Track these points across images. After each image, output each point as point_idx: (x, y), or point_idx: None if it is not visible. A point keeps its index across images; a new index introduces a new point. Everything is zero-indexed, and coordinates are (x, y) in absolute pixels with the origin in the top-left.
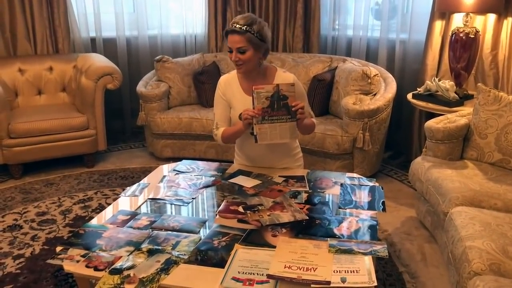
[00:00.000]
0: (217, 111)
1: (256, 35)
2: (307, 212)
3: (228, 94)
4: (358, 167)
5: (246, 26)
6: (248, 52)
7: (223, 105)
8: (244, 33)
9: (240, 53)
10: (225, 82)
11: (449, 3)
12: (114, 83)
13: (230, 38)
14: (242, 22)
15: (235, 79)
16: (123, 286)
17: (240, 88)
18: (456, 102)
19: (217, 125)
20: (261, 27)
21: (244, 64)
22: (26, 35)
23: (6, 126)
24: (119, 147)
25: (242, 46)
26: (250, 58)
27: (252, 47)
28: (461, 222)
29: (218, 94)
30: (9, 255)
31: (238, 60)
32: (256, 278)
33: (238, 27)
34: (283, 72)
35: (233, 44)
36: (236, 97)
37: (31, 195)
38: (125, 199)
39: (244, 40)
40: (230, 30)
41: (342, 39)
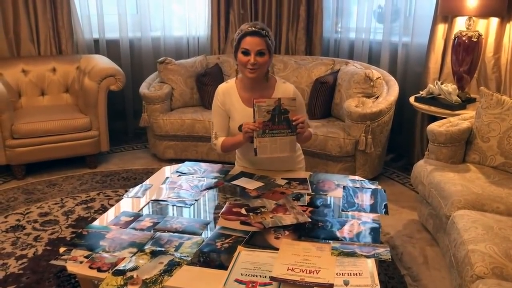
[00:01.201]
0: (215, 120)
1: (271, 42)
2: (309, 215)
3: (227, 104)
4: (360, 170)
5: (264, 30)
6: (266, 56)
7: (222, 115)
8: (264, 37)
9: (259, 56)
10: (224, 91)
11: (452, 7)
12: (117, 84)
13: (250, 40)
14: (259, 26)
15: (234, 89)
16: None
17: (239, 99)
18: (458, 106)
19: (216, 135)
20: (271, 35)
21: (260, 68)
22: (30, 36)
23: (9, 126)
24: (122, 148)
25: (262, 48)
26: (266, 62)
27: (268, 52)
28: (464, 226)
29: (216, 103)
30: (12, 255)
31: (256, 63)
32: (259, 280)
33: (259, 29)
34: (282, 83)
35: (253, 46)
36: (235, 108)
37: (34, 195)
38: (128, 201)
39: (264, 43)
40: (251, 32)
41: (344, 41)
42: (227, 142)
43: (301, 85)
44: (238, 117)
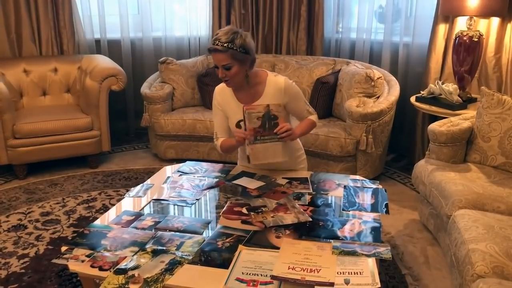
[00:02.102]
0: (215, 120)
1: (239, 50)
2: (310, 214)
3: (223, 104)
4: (361, 170)
5: (227, 43)
6: (234, 67)
7: (220, 114)
8: (226, 51)
9: (226, 70)
10: (220, 92)
11: (453, 7)
12: (118, 84)
13: (214, 56)
14: (223, 39)
15: (229, 89)
16: (127, 286)
17: (234, 97)
18: (459, 105)
19: (217, 135)
20: (243, 40)
21: (231, 79)
22: (31, 36)
23: (11, 126)
24: (123, 148)
25: (227, 63)
26: (236, 73)
27: (237, 62)
28: (465, 225)
29: (214, 103)
30: (14, 254)
31: (225, 76)
32: (260, 279)
33: (220, 44)
34: (274, 76)
35: (218, 62)
36: (231, 107)
37: (36, 195)
38: (129, 200)
39: (228, 57)
40: (212, 49)
41: (345, 42)
42: (225, 144)
43: (302, 85)
44: (234, 115)
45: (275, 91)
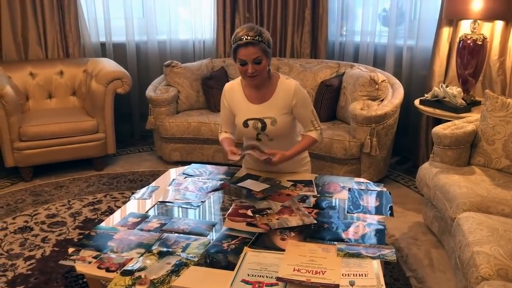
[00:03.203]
0: (221, 114)
1: (266, 44)
2: (315, 216)
3: (231, 101)
4: (365, 172)
5: (257, 36)
6: (263, 61)
7: (227, 111)
8: (258, 44)
9: (256, 64)
10: (229, 89)
11: (457, 10)
12: (123, 87)
13: (244, 51)
14: (252, 33)
15: (239, 87)
16: (134, 287)
17: (243, 95)
18: (463, 108)
19: (221, 127)
20: (267, 35)
21: (259, 74)
22: (38, 40)
23: (17, 129)
24: (128, 150)
25: (258, 56)
26: (264, 67)
27: (265, 56)
28: (469, 228)
29: (222, 100)
30: (20, 256)
31: (255, 71)
32: (265, 281)
33: (251, 38)
34: (286, 79)
35: (249, 56)
36: (239, 105)
37: (41, 197)
38: (134, 202)
39: (259, 50)
40: (244, 43)
41: (349, 45)
42: (223, 143)
43: (306, 88)
44: (241, 113)
45: (284, 93)
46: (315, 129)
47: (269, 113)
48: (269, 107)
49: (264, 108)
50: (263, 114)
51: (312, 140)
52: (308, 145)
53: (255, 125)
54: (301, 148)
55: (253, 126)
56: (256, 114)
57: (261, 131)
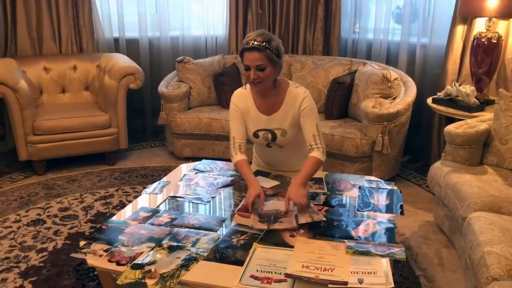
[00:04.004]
0: (232, 125)
1: (274, 52)
2: (325, 214)
3: (242, 108)
4: (377, 171)
5: (264, 42)
6: (267, 69)
7: (239, 118)
8: (263, 50)
9: (259, 71)
10: (239, 96)
11: (472, 8)
12: (136, 83)
13: (248, 55)
14: (259, 39)
15: (249, 95)
16: (144, 281)
17: (254, 105)
18: (476, 107)
19: (234, 139)
20: (277, 43)
21: (262, 81)
22: (52, 35)
23: (31, 123)
24: (140, 145)
25: (262, 63)
26: (269, 75)
27: (271, 64)
28: (480, 227)
29: (232, 108)
30: (33, 248)
31: (257, 77)
32: (274, 276)
33: (257, 44)
34: (295, 88)
35: (252, 61)
36: (250, 114)
37: (54, 190)
38: (146, 197)
39: (264, 57)
40: (248, 48)
41: (362, 42)
42: (239, 168)
43: (318, 85)
44: (252, 123)
45: (293, 102)
46: (316, 146)
47: (279, 125)
48: (279, 118)
49: (274, 119)
50: (273, 125)
51: (317, 161)
52: (316, 167)
53: (265, 136)
54: (309, 172)
55: (263, 137)
56: (266, 125)
57: (271, 141)
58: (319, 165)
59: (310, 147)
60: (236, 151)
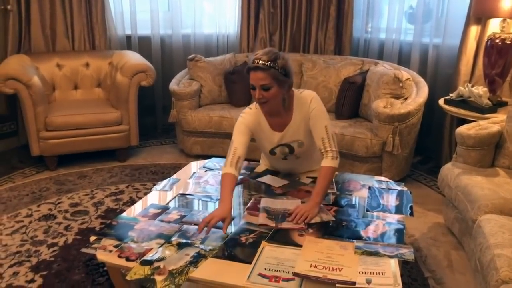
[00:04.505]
0: (237, 137)
1: (280, 71)
2: (334, 214)
3: (254, 127)
4: (387, 171)
5: (270, 62)
6: (273, 89)
7: (247, 134)
8: (268, 69)
9: (264, 90)
10: (251, 115)
11: (486, 8)
12: (147, 80)
13: (253, 75)
14: (265, 58)
15: (260, 114)
16: (153, 277)
17: (267, 123)
18: (489, 109)
19: (236, 151)
20: (285, 62)
21: (268, 101)
22: (65, 32)
23: (43, 119)
24: (151, 143)
25: (266, 83)
26: (274, 95)
27: (276, 84)
28: (490, 230)
29: (242, 123)
30: (44, 243)
31: (262, 97)
32: (282, 275)
33: (262, 63)
34: (300, 93)
35: (257, 81)
36: (264, 133)
37: (65, 186)
38: (156, 194)
39: (268, 77)
40: (253, 67)
41: (374, 42)
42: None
43: (329, 85)
44: (267, 141)
45: (302, 109)
46: (325, 151)
47: (295, 137)
48: (292, 130)
49: (287, 132)
50: (289, 139)
51: (329, 171)
52: (329, 178)
53: (283, 151)
54: (324, 187)
55: (280, 152)
56: (281, 140)
57: (289, 154)
58: (332, 174)
59: (321, 152)
60: (232, 164)
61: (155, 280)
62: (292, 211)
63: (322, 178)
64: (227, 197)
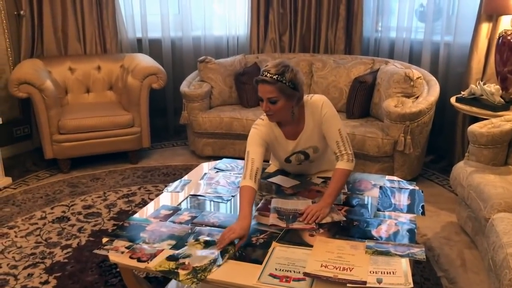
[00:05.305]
0: (252, 148)
1: (288, 84)
2: (345, 214)
3: (268, 137)
4: (399, 171)
5: (277, 75)
6: (280, 102)
7: (262, 146)
8: (275, 83)
9: (271, 103)
10: (265, 126)
11: (497, 5)
12: (159, 82)
13: (260, 87)
14: (273, 71)
15: (274, 123)
16: (177, 271)
17: (281, 133)
18: (501, 107)
19: (253, 162)
20: (293, 75)
21: (274, 114)
22: (77, 36)
23: (56, 122)
24: (162, 144)
25: (273, 96)
26: (281, 108)
27: (284, 97)
28: (503, 229)
29: (257, 134)
30: (58, 245)
31: (269, 110)
32: (293, 275)
33: (269, 76)
34: (310, 99)
35: (264, 94)
36: (279, 142)
37: (78, 188)
38: (167, 195)
39: (275, 90)
40: (260, 80)
41: (385, 41)
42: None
43: (340, 84)
44: (282, 150)
45: (313, 113)
46: (340, 154)
47: (309, 143)
48: (306, 137)
49: (301, 140)
50: (303, 146)
51: (344, 173)
52: (343, 180)
53: (298, 158)
54: (337, 188)
55: (295, 159)
56: (296, 148)
57: (304, 160)
58: (346, 176)
59: (336, 156)
60: (252, 176)
61: (178, 273)
62: (303, 211)
63: (336, 180)
64: (248, 213)
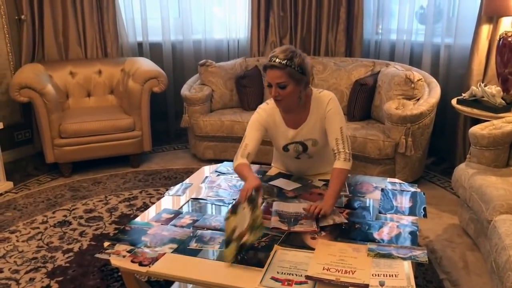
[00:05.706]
0: (249, 133)
1: (297, 69)
2: (347, 216)
3: (269, 124)
4: (400, 173)
5: (286, 60)
6: (289, 86)
7: (260, 132)
8: (284, 68)
9: (280, 88)
10: (267, 111)
11: (497, 7)
12: (159, 86)
13: (270, 73)
14: (282, 56)
15: (276, 110)
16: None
17: (282, 120)
18: (502, 108)
19: (246, 146)
20: (301, 60)
21: (283, 99)
22: (78, 40)
23: (57, 126)
24: (163, 148)
25: (283, 81)
26: (290, 93)
27: (293, 82)
28: (506, 230)
29: (256, 120)
30: (59, 249)
31: (278, 95)
32: (295, 278)
33: (278, 61)
34: (319, 93)
35: (273, 79)
36: (278, 129)
37: (80, 192)
38: (169, 198)
39: (285, 75)
40: (269, 65)
41: (385, 43)
42: (240, 170)
43: (340, 87)
44: (281, 138)
45: (318, 108)
46: (338, 152)
47: (309, 135)
48: (308, 129)
49: (302, 130)
50: (303, 137)
51: (342, 172)
52: (342, 179)
53: (296, 149)
54: (337, 189)
55: (293, 150)
56: (296, 138)
57: (302, 152)
58: (344, 176)
59: (333, 153)
60: (243, 157)
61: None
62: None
63: (335, 180)
64: (255, 176)
